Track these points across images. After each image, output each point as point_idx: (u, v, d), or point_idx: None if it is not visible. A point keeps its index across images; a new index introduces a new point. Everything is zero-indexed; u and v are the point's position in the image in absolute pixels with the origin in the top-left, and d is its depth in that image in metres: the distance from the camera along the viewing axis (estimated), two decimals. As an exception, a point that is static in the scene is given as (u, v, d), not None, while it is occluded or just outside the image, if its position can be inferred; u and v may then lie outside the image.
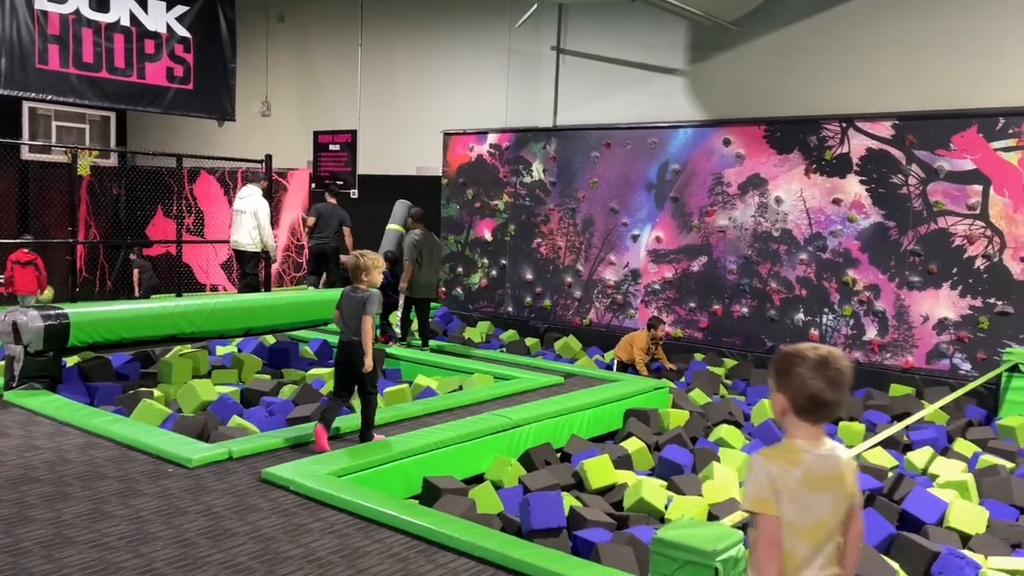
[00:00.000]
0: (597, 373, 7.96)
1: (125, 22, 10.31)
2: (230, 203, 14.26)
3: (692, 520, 3.29)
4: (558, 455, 5.95)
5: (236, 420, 6.03)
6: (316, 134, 14.13)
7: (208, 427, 5.77)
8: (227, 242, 10.80)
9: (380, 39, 13.28)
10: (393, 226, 10.59)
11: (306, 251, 11.52)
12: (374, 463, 4.90)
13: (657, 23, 10.21)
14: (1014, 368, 7.49)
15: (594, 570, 3.54)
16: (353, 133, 13.58)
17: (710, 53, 9.90)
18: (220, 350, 8.84)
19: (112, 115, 12.97)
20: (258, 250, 10.34)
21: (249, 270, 10.44)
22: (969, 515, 4.84)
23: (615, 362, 9.16)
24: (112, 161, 13.51)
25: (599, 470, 5.41)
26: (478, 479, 5.45)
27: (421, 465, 5.13)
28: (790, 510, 2.10)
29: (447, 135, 12.22)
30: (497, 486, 5.27)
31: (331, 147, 13.91)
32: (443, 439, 5.34)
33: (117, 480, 4.51)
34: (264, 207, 10.32)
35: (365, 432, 5.31)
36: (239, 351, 8.67)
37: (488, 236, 11.81)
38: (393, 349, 8.72)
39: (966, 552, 4.37)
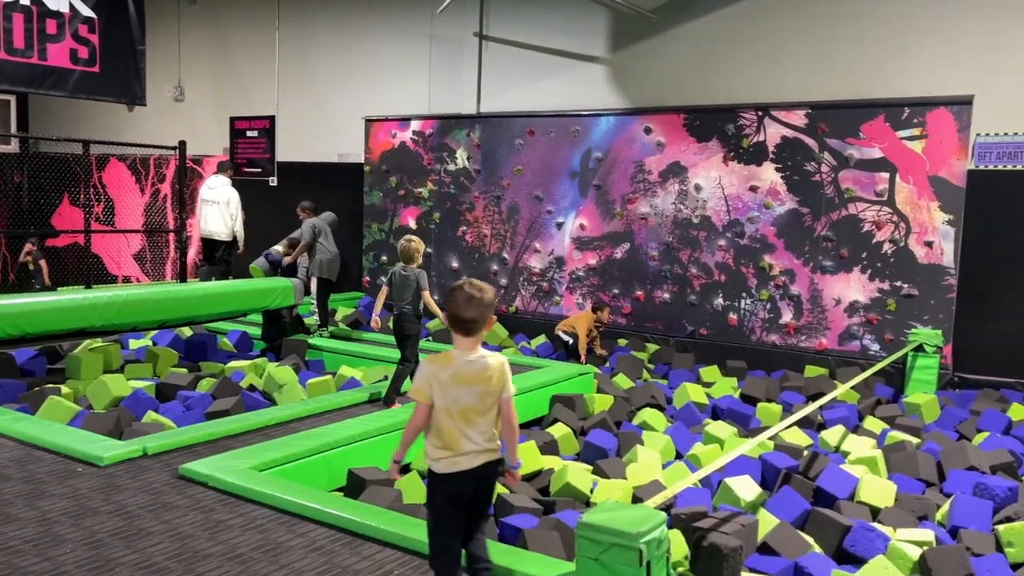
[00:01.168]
0: (523, 360, 7.99)
1: (25, 1, 9.78)
2: (142, 191, 13.73)
3: (616, 503, 3.33)
4: (485, 443, 5.94)
5: (151, 416, 5.83)
6: (232, 120, 13.73)
7: (121, 423, 5.55)
8: (140, 231, 10.55)
9: (298, 23, 12.96)
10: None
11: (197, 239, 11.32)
12: (297, 456, 4.81)
13: (578, 11, 10.26)
14: (919, 348, 7.84)
15: (520, 556, 3.55)
16: (271, 119, 13.25)
17: (631, 42, 10.00)
18: (133, 344, 8.53)
19: (12, 98, 12.31)
20: (230, 239, 10.70)
21: (226, 257, 10.85)
22: (878, 490, 5.04)
23: (567, 339, 9.10)
24: (13, 147, 12.82)
25: (525, 456, 5.42)
26: (405, 469, 5.39)
27: (346, 457, 5.06)
28: (443, 399, 2.96)
29: (369, 121, 12.04)
30: (423, 476, 5.23)
31: (248, 133, 13.54)
32: (368, 430, 5.27)
33: (22, 481, 4.30)
34: (236, 196, 10.70)
35: (387, 396, 6.06)
36: (154, 344, 8.38)
37: (413, 224, 11.70)
38: (316, 340, 8.57)
39: (876, 525, 4.55)
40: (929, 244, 8.15)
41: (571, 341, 8.97)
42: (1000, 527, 4.49)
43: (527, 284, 10.76)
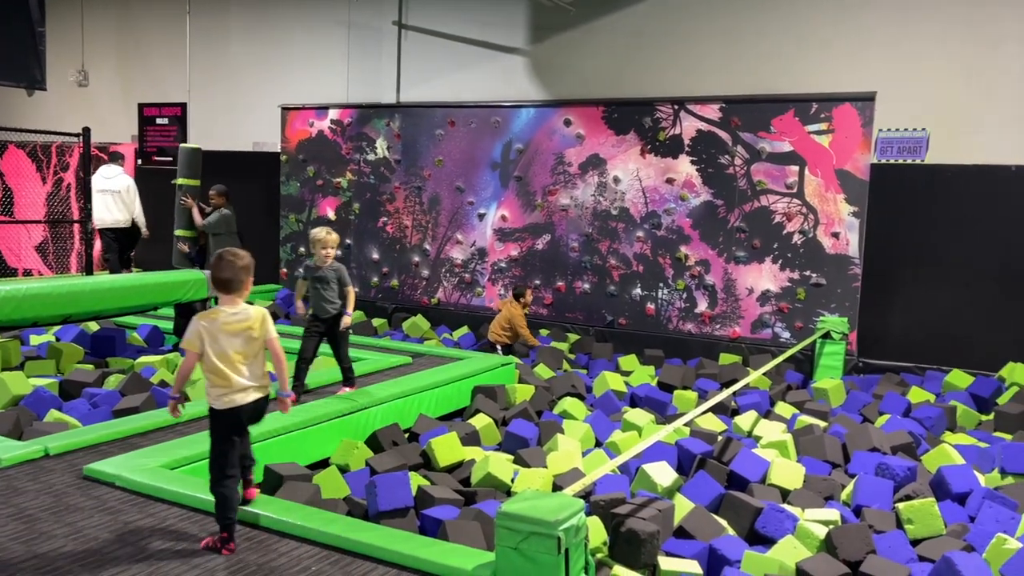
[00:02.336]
0: (446, 352, 7.96)
1: (-90, -24, 9.17)
2: (44, 180, 13.11)
3: (536, 492, 3.36)
4: (406, 435, 5.91)
5: (54, 414, 5.57)
6: (141, 107, 13.22)
7: (21, 423, 5.29)
8: (42, 222, 10.14)
9: (210, 7, 12.55)
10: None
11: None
12: (208, 453, 4.66)
13: (499, 2, 10.26)
14: (826, 335, 8.15)
15: (440, 548, 3.54)
16: (183, 106, 12.80)
17: (550, 34, 10.05)
18: (35, 339, 8.14)
19: (-103, 81, 11.53)
20: (130, 225, 10.74)
21: (126, 246, 10.92)
22: (788, 472, 5.22)
23: (498, 348, 9.04)
24: (-101, 132, 12.02)
25: (447, 448, 5.42)
26: (324, 464, 5.32)
27: (262, 453, 4.92)
28: (215, 347, 3.47)
29: (285, 110, 11.77)
30: (343, 470, 5.17)
31: (158, 121, 13.06)
32: (284, 425, 5.16)
33: (-90, 487, 4.05)
34: (133, 183, 10.77)
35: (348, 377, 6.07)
36: (57, 340, 8.01)
37: (331, 215, 11.50)
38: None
39: (785, 506, 4.71)
40: (836, 235, 8.47)
41: (504, 344, 8.95)
42: (900, 505, 4.70)
43: (449, 276, 10.72)
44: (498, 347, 8.98)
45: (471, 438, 5.80)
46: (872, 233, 8.38)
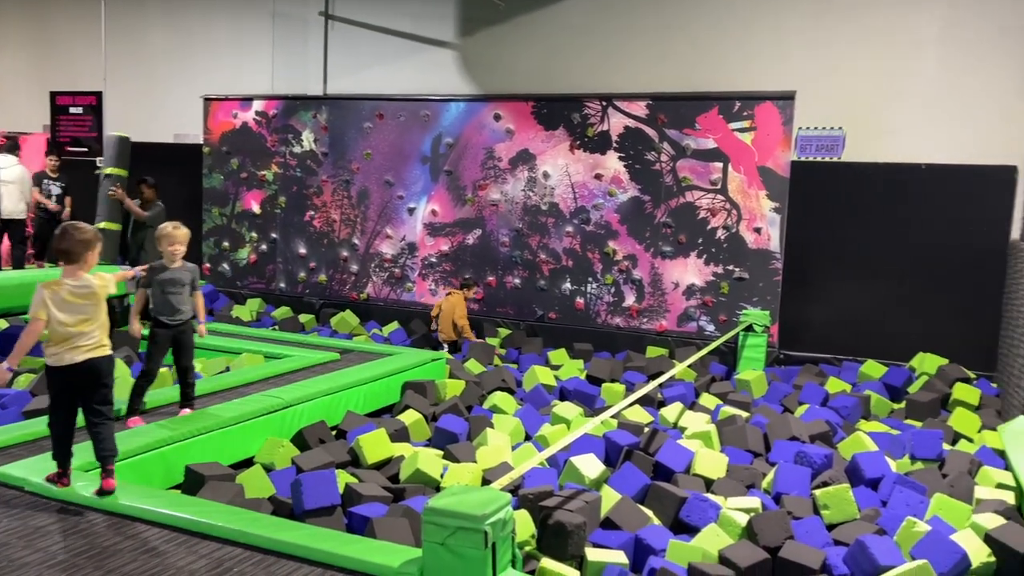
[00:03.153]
0: (375, 348, 7.88)
1: None
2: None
3: (463, 487, 3.35)
4: (333, 433, 5.83)
5: (-41, 417, 5.30)
6: (53, 95, 12.67)
7: (-79, 427, 5.02)
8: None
9: (128, -8, 12.12)
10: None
11: None
12: (128, 453, 4.51)
13: (428, -5, 10.19)
14: (749, 328, 8.37)
15: (367, 545, 3.51)
16: (98, 95, 12.33)
17: (480, 27, 10.03)
18: (-62, 339, 7.73)
19: None
20: (25, 216, 10.80)
21: (21, 238, 10.93)
22: (712, 462, 5.35)
23: (445, 345, 8.99)
24: None
25: (375, 445, 5.36)
26: (248, 463, 5.21)
27: (183, 452, 4.81)
28: (59, 315, 3.75)
29: (208, 100, 11.45)
30: (268, 469, 5.07)
31: (72, 110, 12.55)
32: (207, 424, 5.03)
33: None
34: (27, 172, 10.77)
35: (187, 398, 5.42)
36: (-37, 339, 7.63)
37: (256, 208, 11.25)
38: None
39: (709, 495, 4.82)
40: (758, 230, 8.69)
41: (451, 342, 8.91)
42: (817, 491, 4.86)
43: (379, 270, 10.61)
44: (445, 345, 8.94)
45: (400, 434, 5.76)
46: (792, 229, 8.63)
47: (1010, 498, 4.92)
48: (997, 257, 7.91)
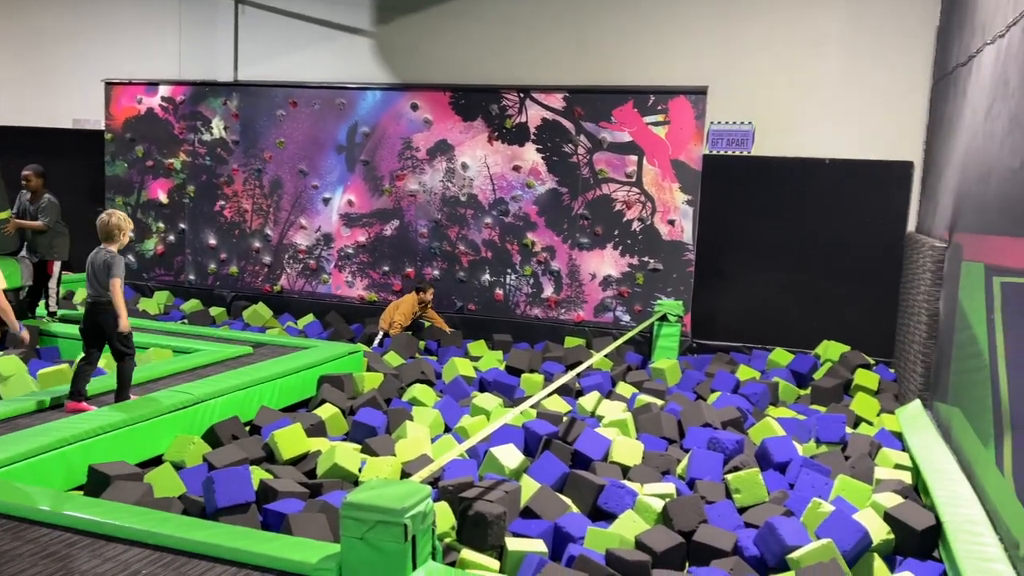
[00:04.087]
0: (289, 341, 7.71)
1: None
2: None
3: (382, 480, 3.32)
4: (247, 428, 5.69)
5: None
6: (-61, 75, 11.90)
7: None
8: None
9: (22, -32, 11.47)
10: None
11: None
12: (27, 454, 4.30)
13: (343, -19, 9.99)
14: (663, 318, 8.55)
15: (283, 542, 3.43)
16: (-10, 76, 11.64)
17: (396, 16, 9.90)
18: None
19: None
20: None
21: None
22: (628, 449, 5.44)
23: (384, 338, 8.79)
24: None
25: (290, 440, 5.25)
26: (156, 462, 5.03)
27: (86, 452, 4.60)
28: None
29: (110, 85, 10.95)
30: (178, 467, 4.91)
31: (-39, 92, 11.81)
32: (112, 422, 4.83)
33: None
34: None
35: (121, 393, 5.32)
36: None
37: (163, 198, 10.85)
38: (50, 326, 7.71)
39: (626, 482, 4.90)
40: (672, 222, 8.88)
41: (383, 334, 8.79)
42: (729, 476, 5.01)
43: (293, 262, 10.38)
44: (381, 335, 8.80)
45: (316, 429, 5.66)
46: (704, 221, 8.85)
47: (907, 478, 5.18)
48: (895, 249, 8.29)
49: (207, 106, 10.57)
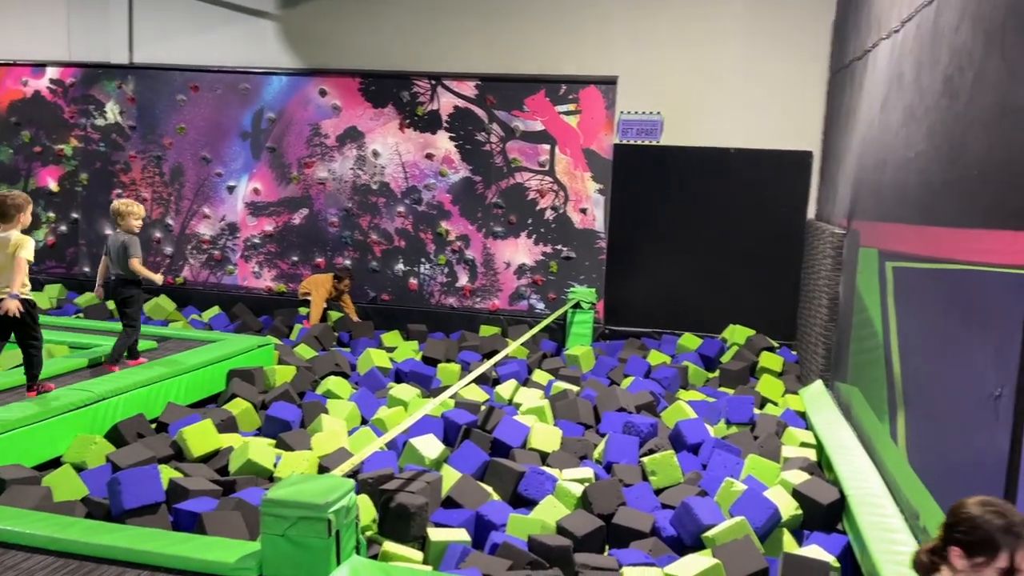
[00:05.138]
0: (195, 335, 7.44)
1: None
2: None
3: (302, 476, 3.24)
4: (153, 426, 5.46)
5: None
6: None
7: None
8: None
9: None
10: None
11: None
12: (-92, 462, 4.01)
13: (246, -39, 9.65)
14: (576, 305, 8.66)
15: (197, 542, 3.31)
16: None
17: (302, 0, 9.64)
18: None
19: None
20: None
21: None
22: (546, 435, 5.50)
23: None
24: None
25: (200, 436, 5.08)
26: (56, 463, 4.77)
27: (-24, 456, 4.32)
28: None
29: (-8, 65, 10.28)
30: (80, 468, 4.67)
31: None
32: (5, 422, 4.55)
33: None
34: None
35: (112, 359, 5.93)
36: None
37: (54, 186, 10.27)
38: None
39: (545, 468, 4.95)
40: (584, 211, 8.99)
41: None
42: (645, 459, 5.13)
43: (196, 253, 10.01)
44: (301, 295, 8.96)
45: (228, 424, 5.49)
46: (615, 209, 8.99)
47: (812, 455, 5.41)
48: (796, 235, 8.62)
49: (100, 89, 10.05)
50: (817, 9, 8.43)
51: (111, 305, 9.48)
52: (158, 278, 6.21)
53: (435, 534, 4.10)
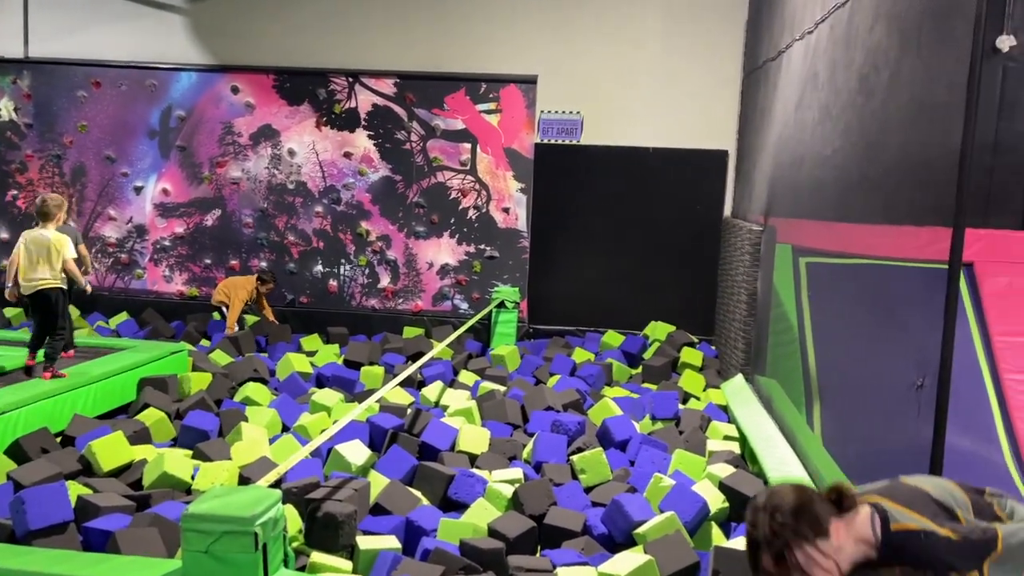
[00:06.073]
0: (103, 342, 7.09)
1: None
2: None
3: (225, 488, 3.10)
4: (58, 440, 5.15)
5: None
6: None
7: None
8: None
9: None
10: None
11: None
12: None
13: (151, -49, 9.25)
14: (501, 304, 8.62)
15: (112, 563, 3.13)
16: None
17: (213, -7, 9.30)
18: None
19: None
20: None
21: None
22: (475, 437, 5.43)
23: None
24: None
25: (111, 450, 4.82)
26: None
27: None
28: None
29: None
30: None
31: None
32: None
33: None
34: None
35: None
36: None
37: (-58, 187, 9.62)
38: None
39: (475, 471, 4.89)
40: (506, 210, 8.97)
41: (223, 310, 8.47)
42: (574, 457, 5.12)
43: (102, 256, 9.53)
44: (223, 307, 8.52)
45: (140, 436, 5.23)
46: (538, 208, 8.99)
47: (736, 448, 5.51)
48: (713, 232, 8.80)
49: (-7, 84, 9.47)
50: (730, 11, 8.62)
51: (11, 313, 8.95)
52: (85, 280, 6.12)
53: (364, 542, 3.99)
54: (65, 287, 5.74)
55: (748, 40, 8.47)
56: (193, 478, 4.67)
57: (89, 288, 6.28)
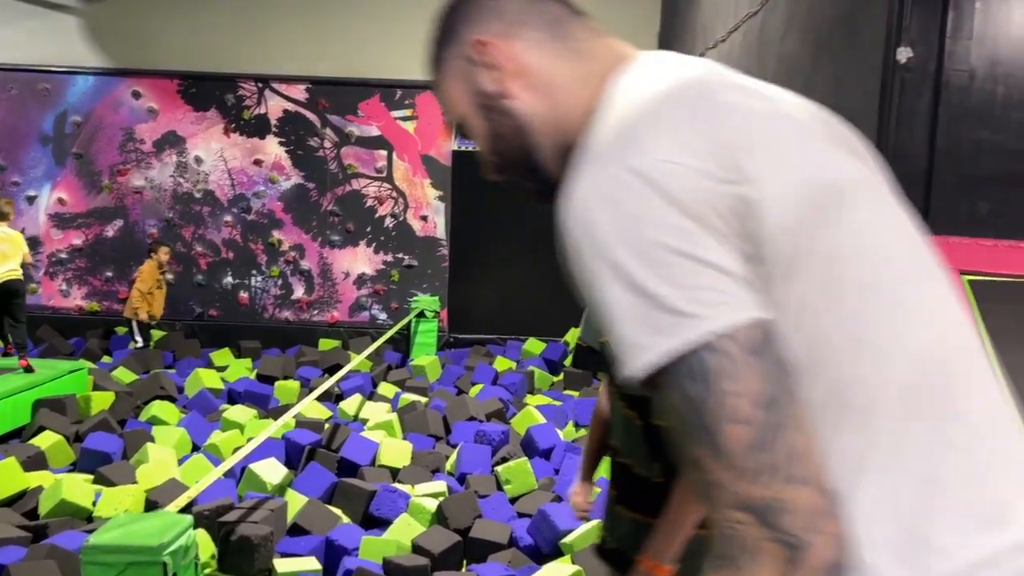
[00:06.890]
0: (-8, 362, 6.63)
1: None
2: None
3: (131, 515, 2.89)
4: (-58, 469, 4.77)
5: None
6: None
7: None
8: None
9: None
10: None
11: None
12: None
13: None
14: (420, 314, 8.50)
15: (5, 603, 2.87)
16: None
17: (111, -7, 8.88)
18: None
19: None
20: None
21: None
22: (396, 451, 5.30)
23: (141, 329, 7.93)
24: None
25: (2, 476, 4.48)
26: None
27: None
28: None
29: None
30: None
31: None
32: None
33: None
34: None
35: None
36: None
37: None
38: None
39: (397, 485, 4.76)
40: (424, 218, 8.85)
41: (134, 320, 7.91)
42: (499, 468, 5.04)
43: (-10, 270, 8.95)
44: (135, 323, 7.91)
45: (35, 461, 4.90)
46: (456, 216, 8.91)
47: (658, 452, 5.53)
48: (630, 239, 8.89)
49: None
50: (642, 20, 8.75)
51: None
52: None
53: (282, 565, 3.82)
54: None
55: (660, 48, 8.61)
56: (95, 505, 4.38)
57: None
